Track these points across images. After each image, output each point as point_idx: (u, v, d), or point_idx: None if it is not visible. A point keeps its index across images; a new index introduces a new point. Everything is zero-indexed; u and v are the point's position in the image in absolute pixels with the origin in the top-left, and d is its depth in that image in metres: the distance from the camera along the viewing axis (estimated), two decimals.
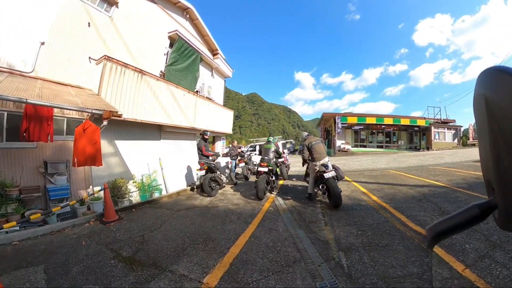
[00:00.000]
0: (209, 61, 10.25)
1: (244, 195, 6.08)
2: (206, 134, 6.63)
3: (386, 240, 3.11)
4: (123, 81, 4.75)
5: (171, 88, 6.20)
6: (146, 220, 4.34)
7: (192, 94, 7.19)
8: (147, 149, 6.15)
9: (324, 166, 4.89)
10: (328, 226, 3.73)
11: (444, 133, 24.70)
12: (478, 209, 0.37)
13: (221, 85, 11.85)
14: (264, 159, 5.92)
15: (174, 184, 6.92)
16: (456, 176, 8.09)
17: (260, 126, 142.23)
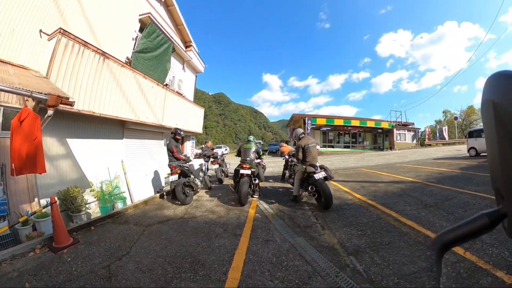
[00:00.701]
0: (182, 53, 9.54)
1: (222, 201, 5.57)
2: (179, 133, 5.96)
3: (387, 237, 3.20)
4: (81, 63, 3.91)
5: (138, 78, 5.47)
6: (111, 242, 3.41)
7: (161, 87, 6.52)
8: (108, 149, 5.27)
9: (312, 166, 4.79)
10: (326, 230, 3.59)
11: (405, 135, 28.20)
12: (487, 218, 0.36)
13: (192, 81, 11.14)
14: (246, 160, 5.52)
15: (140, 191, 6.10)
16: (423, 172, 8.94)
17: (227, 127, 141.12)
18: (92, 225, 3.98)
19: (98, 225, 4.11)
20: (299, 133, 5.33)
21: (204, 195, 6.24)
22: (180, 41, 9.38)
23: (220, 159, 8.80)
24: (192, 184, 5.59)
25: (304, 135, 5.25)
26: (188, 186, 5.50)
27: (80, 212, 4.27)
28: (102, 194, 4.81)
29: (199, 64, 11.27)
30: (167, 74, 7.36)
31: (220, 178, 8.07)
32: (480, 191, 5.49)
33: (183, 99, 8.22)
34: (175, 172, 5.50)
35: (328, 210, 4.44)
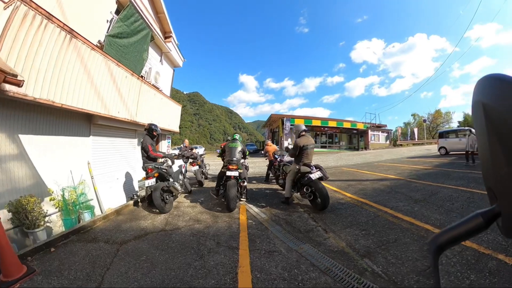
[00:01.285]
0: (161, 44, 8.79)
1: (207, 207, 5.02)
2: (155, 129, 5.28)
3: (391, 235, 3.21)
4: (42, 40, 3.16)
5: (111, 65, 4.78)
6: (76, 270, 2.63)
7: (136, 78, 5.85)
8: (71, 149, 4.52)
9: (307, 166, 4.58)
10: (330, 233, 3.41)
11: (379, 135, 30.49)
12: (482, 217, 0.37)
13: (169, 75, 10.33)
14: (233, 160, 5.02)
15: (110, 199, 5.31)
16: (402, 170, 9.37)
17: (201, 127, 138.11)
18: (53, 245, 3.17)
19: (60, 245, 3.24)
20: (301, 129, 4.86)
21: (184, 200, 5.63)
22: (159, 30, 8.64)
23: (199, 160, 8.30)
24: (172, 188, 4.96)
25: (305, 133, 4.87)
26: (167, 191, 4.89)
27: (37, 228, 3.37)
28: (65, 204, 4.00)
29: (178, 57, 10.54)
30: (144, 64, 6.67)
31: (200, 180, 7.56)
32: (459, 185, 5.92)
33: (160, 93, 7.57)
34: (152, 176, 4.82)
35: (324, 211, 4.30)
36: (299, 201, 5.12)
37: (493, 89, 0.35)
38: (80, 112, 4.18)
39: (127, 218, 4.36)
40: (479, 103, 0.38)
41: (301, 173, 4.58)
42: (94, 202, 4.74)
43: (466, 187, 5.71)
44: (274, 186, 7.09)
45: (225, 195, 4.64)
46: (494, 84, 0.36)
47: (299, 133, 4.82)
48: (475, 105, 0.40)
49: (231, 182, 4.63)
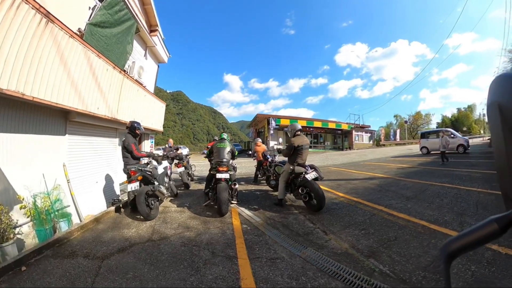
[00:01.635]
0: (146, 37, 8.30)
1: (195, 211, 4.69)
2: (138, 127, 4.88)
3: (391, 233, 3.25)
4: (13, 22, 2.75)
5: (91, 56, 4.36)
6: None
7: (118, 71, 5.43)
8: (44, 149, 4.06)
9: (302, 166, 4.46)
10: (330, 234, 3.32)
11: (362, 136, 31.64)
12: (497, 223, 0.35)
13: (154, 70, 9.79)
14: (223, 161, 4.74)
15: (89, 204, 4.90)
16: (388, 168, 9.63)
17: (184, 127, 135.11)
18: (24, 263, 2.70)
19: (33, 262, 2.77)
20: (296, 128, 4.69)
21: (170, 204, 5.28)
22: (145, 23, 8.13)
23: (185, 161, 7.94)
24: (158, 193, 4.59)
25: (300, 132, 4.74)
26: (152, 196, 4.52)
27: (6, 242, 2.89)
28: (37, 212, 3.47)
29: (164, 52, 10.03)
30: (127, 58, 6.22)
31: (186, 182, 7.21)
32: (445, 182, 6.22)
33: (143, 90, 7.15)
34: (135, 179, 4.43)
35: (319, 212, 4.23)
36: (292, 202, 5.00)
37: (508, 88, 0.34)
38: (55, 107, 3.78)
39: (108, 227, 3.94)
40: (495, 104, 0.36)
41: (295, 173, 4.48)
42: (71, 209, 4.31)
43: (451, 184, 5.99)
44: (264, 187, 6.94)
45: (216, 199, 4.38)
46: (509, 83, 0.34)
47: (294, 133, 4.68)
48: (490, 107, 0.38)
49: (222, 185, 4.37)
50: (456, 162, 10.33)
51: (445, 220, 3.54)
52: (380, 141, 35.33)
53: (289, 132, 4.78)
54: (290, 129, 4.77)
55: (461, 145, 13.39)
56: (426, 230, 3.23)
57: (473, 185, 5.66)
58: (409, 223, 3.49)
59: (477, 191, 5.11)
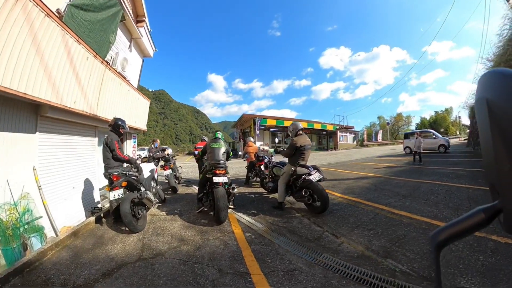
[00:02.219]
0: (131, 27, 7.60)
1: (188, 219, 4.21)
2: (122, 125, 4.38)
3: (399, 231, 3.23)
4: None
5: (69, 40, 3.81)
6: None
7: (100, 61, 4.90)
8: (8, 150, 3.44)
9: (304, 167, 4.23)
10: (341, 237, 3.13)
11: (347, 136, 32.58)
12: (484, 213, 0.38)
13: (138, 64, 9.06)
14: (220, 163, 4.33)
15: (65, 214, 4.26)
16: (376, 168, 9.78)
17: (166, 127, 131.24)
18: None
19: None
20: (298, 127, 4.43)
21: (159, 212, 4.73)
22: (131, 12, 7.51)
23: (172, 163, 7.38)
24: (145, 200, 4.04)
25: (302, 132, 4.49)
26: (138, 204, 3.96)
27: None
28: (1, 228, 2.80)
29: (150, 46, 9.34)
30: (110, 48, 5.65)
31: (174, 186, 6.66)
32: (434, 180, 6.42)
33: (127, 84, 6.60)
34: (118, 185, 3.88)
35: (322, 214, 4.03)
36: (292, 205, 4.74)
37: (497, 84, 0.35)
38: (23, 98, 3.24)
39: (89, 243, 3.34)
40: (483, 99, 0.37)
41: (297, 175, 4.24)
42: (43, 221, 3.63)
43: (441, 181, 6.20)
44: (258, 189, 6.63)
45: (213, 205, 3.96)
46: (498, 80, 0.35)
47: (296, 132, 4.42)
48: (478, 102, 0.39)
49: (219, 190, 3.94)
50: (440, 161, 10.74)
51: (444, 215, 3.67)
52: (364, 142, 36.60)
53: (291, 131, 4.53)
54: (292, 128, 4.51)
55: (442, 145, 13.98)
56: (429, 226, 3.30)
57: (461, 182, 5.94)
58: (413, 221, 3.52)
59: (465, 187, 5.38)
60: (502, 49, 7.51)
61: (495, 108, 0.35)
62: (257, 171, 7.14)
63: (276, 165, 5.36)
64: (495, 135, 0.35)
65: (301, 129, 4.47)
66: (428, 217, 3.62)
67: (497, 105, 0.35)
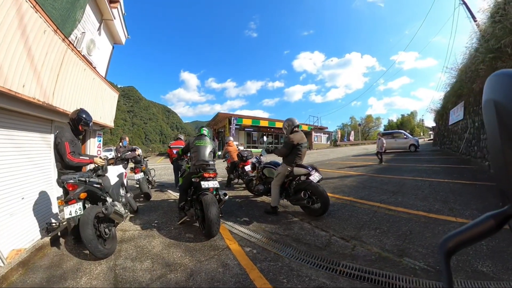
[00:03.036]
0: (104, 6, 6.52)
1: (169, 234, 3.42)
2: (86, 120, 3.38)
3: (403, 227, 3.18)
4: None
5: (24, 5, 3.04)
6: None
7: (61, 39, 4.08)
8: None
9: (302, 167, 3.87)
10: (352, 240, 2.87)
11: (321, 137, 33.42)
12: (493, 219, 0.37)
13: (107, 51, 7.88)
14: (209, 165, 3.59)
15: (12, 234, 3.16)
16: (356, 166, 9.96)
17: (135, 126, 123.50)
18: None
19: None
20: (295, 124, 4.03)
21: (131, 226, 3.83)
22: None
23: (144, 164, 6.40)
24: (114, 216, 3.15)
25: (298, 129, 4.11)
26: (105, 220, 3.10)
27: None
28: None
29: (122, 31, 8.22)
30: (76, 25, 4.75)
31: (147, 192, 5.71)
32: (415, 176, 6.73)
33: (93, 71, 5.72)
34: (75, 197, 2.87)
35: (322, 216, 3.73)
36: (285, 208, 4.35)
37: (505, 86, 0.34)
38: None
39: (43, 277, 2.47)
40: (491, 101, 0.37)
41: (293, 176, 3.89)
42: None
43: (421, 177, 6.53)
44: (242, 192, 6.11)
45: (201, 216, 3.26)
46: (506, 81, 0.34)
47: (291, 128, 4.02)
48: (486, 104, 0.38)
49: (209, 197, 3.21)
50: (414, 159, 11.36)
51: (436, 208, 3.79)
52: (337, 142, 38.04)
53: (286, 128, 4.12)
54: (287, 125, 4.10)
55: (413, 145, 14.86)
56: (428, 219, 3.35)
57: (440, 177, 6.27)
58: (411, 216, 3.53)
59: (446, 181, 5.68)
60: (468, 60, 8.21)
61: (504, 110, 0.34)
62: (239, 173, 6.56)
63: (268, 165, 4.83)
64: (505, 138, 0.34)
65: (297, 125, 4.09)
66: (423, 211, 3.66)
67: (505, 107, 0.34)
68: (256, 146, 28.28)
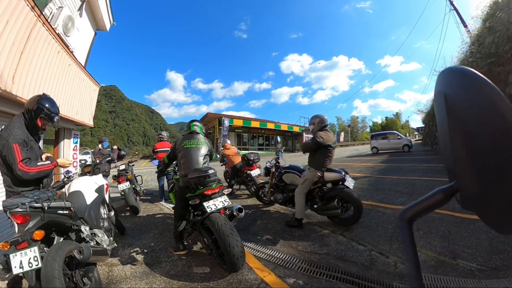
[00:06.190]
0: None
1: (174, 269, 2.47)
2: (49, 113, 2.19)
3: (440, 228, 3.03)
4: None
5: None
6: None
7: (29, 7, 3.35)
8: None
9: (334, 171, 3.33)
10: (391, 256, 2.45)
11: None
12: (443, 193, 0.43)
13: (89, 37, 6.91)
14: (209, 176, 2.56)
15: None
16: (357, 168, 9.62)
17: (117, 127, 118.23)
18: None
19: None
20: (326, 122, 3.52)
21: (118, 257, 2.81)
22: None
23: (130, 172, 5.16)
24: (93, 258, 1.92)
25: (328, 128, 3.54)
26: (79, 264, 1.95)
27: None
28: None
29: (107, 15, 7.21)
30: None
31: (134, 205, 4.55)
32: (421, 176, 6.59)
33: (69, 55, 4.91)
34: (27, 238, 1.70)
35: (352, 226, 3.23)
36: (308, 219, 3.68)
37: (454, 80, 0.38)
38: None
39: None
40: (441, 93, 0.41)
41: (323, 182, 3.34)
42: None
43: (426, 177, 6.28)
44: (247, 200, 5.30)
45: (214, 247, 2.35)
46: (455, 76, 0.38)
47: (321, 126, 3.45)
48: (437, 95, 0.43)
49: (221, 223, 2.27)
50: (410, 159, 11.18)
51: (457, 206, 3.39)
52: None
53: (314, 124, 3.53)
54: (317, 121, 3.49)
55: (406, 145, 14.90)
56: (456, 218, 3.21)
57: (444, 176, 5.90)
58: (441, 215, 3.33)
59: None
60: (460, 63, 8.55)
61: (452, 100, 0.38)
62: (243, 179, 5.74)
63: (289, 170, 4.07)
64: (451, 124, 0.39)
65: (327, 124, 3.53)
66: (447, 210, 3.40)
67: (453, 98, 0.38)
68: (247, 148, 27.57)
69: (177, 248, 2.73)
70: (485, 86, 0.33)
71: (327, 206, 3.27)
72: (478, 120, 0.34)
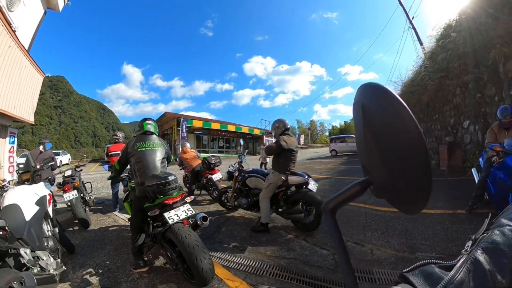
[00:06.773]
0: None
1: None
2: None
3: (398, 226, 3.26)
4: None
5: None
6: None
7: None
8: None
9: (297, 175, 3.42)
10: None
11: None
12: (359, 186, 0.47)
13: (36, 16, 6.04)
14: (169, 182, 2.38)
15: None
16: (318, 169, 10.18)
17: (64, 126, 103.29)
18: None
19: None
20: (287, 126, 3.60)
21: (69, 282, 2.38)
22: None
23: (77, 179, 4.50)
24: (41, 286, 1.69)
25: (290, 132, 3.63)
26: None
27: None
28: None
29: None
30: None
31: (83, 217, 3.97)
32: None
33: (11, 36, 4.18)
34: None
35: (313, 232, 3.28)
36: (274, 224, 3.72)
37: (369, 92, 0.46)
38: None
39: None
40: (360, 103, 0.47)
41: (287, 185, 3.41)
42: None
43: None
44: (209, 206, 5.13)
45: (178, 261, 2.18)
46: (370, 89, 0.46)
47: (282, 130, 3.52)
48: (356, 104, 0.49)
49: (186, 234, 2.11)
50: None
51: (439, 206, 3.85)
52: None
53: (276, 128, 3.59)
54: (277, 125, 3.57)
55: None
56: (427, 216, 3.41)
57: None
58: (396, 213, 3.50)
59: None
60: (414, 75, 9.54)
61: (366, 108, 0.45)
62: (205, 183, 5.57)
63: (253, 174, 4.00)
64: (366, 128, 0.45)
65: (288, 128, 3.62)
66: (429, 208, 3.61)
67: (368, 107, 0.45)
68: (206, 150, 26.87)
69: (137, 265, 2.47)
70: (392, 98, 0.39)
71: (291, 209, 3.35)
72: (385, 124, 0.41)
